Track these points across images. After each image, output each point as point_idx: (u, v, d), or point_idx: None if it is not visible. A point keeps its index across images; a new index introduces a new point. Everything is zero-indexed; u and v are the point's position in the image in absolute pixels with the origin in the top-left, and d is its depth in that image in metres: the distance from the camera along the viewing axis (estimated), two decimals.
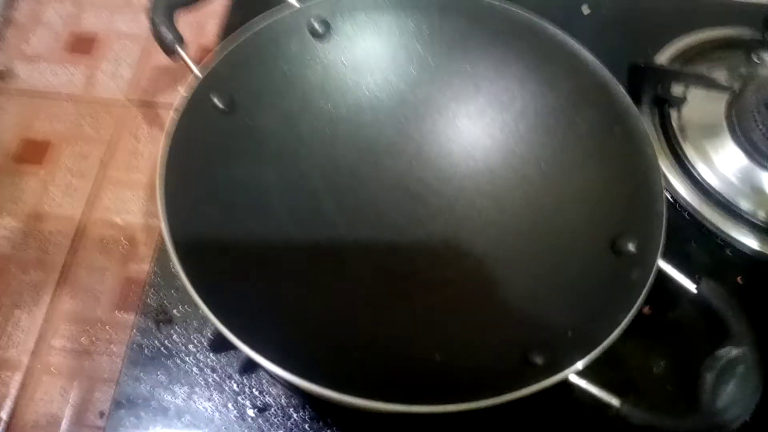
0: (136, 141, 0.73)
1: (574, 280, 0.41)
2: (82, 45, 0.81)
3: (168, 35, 0.46)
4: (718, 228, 0.53)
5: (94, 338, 0.61)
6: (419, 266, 0.47)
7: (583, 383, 0.34)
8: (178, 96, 0.44)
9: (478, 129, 0.51)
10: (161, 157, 0.41)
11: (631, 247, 0.40)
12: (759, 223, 0.53)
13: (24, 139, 0.74)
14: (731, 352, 0.34)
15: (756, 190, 0.54)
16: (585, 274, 0.41)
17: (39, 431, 0.57)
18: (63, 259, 0.66)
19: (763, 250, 0.52)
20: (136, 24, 0.84)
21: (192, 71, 0.45)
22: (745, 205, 0.54)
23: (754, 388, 0.33)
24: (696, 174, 0.55)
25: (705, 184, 0.55)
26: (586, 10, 0.67)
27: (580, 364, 0.34)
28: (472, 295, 0.44)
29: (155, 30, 0.47)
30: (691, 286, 0.38)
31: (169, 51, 0.47)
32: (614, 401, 0.34)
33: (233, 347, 0.34)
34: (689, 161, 0.56)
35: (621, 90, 0.45)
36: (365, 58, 0.52)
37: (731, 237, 0.53)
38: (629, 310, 0.36)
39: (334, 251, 0.46)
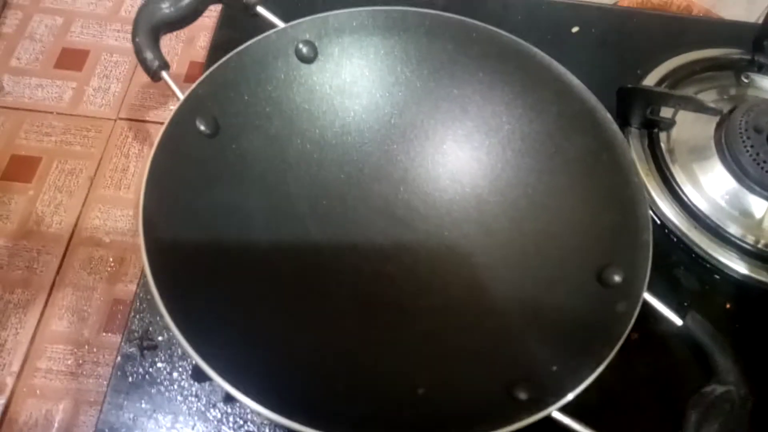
0: (126, 158, 0.73)
1: (560, 312, 0.41)
2: (71, 60, 0.81)
3: (152, 59, 0.46)
4: (706, 252, 0.53)
5: (80, 360, 0.61)
6: (405, 294, 0.46)
7: (566, 420, 0.34)
8: (168, 114, 0.44)
9: (465, 153, 0.51)
10: (143, 184, 0.41)
11: (617, 278, 0.39)
12: (748, 247, 0.52)
13: (12, 156, 0.74)
14: (717, 389, 0.34)
15: (745, 214, 0.54)
16: (571, 305, 0.41)
17: None
18: (51, 279, 0.66)
19: (751, 275, 0.52)
20: (126, 38, 0.84)
21: (177, 96, 0.45)
22: (733, 229, 0.53)
23: (740, 428, 0.33)
24: (684, 197, 0.55)
25: (694, 208, 0.54)
26: (575, 29, 0.67)
27: (563, 401, 0.34)
28: (456, 326, 0.44)
29: (139, 54, 0.47)
30: (676, 320, 0.38)
31: (154, 76, 0.47)
32: None
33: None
34: (678, 184, 0.55)
35: (608, 117, 0.45)
36: (352, 80, 0.52)
37: (720, 262, 0.52)
38: (614, 345, 0.35)
39: (319, 279, 0.46)
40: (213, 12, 0.66)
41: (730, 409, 0.33)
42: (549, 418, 0.34)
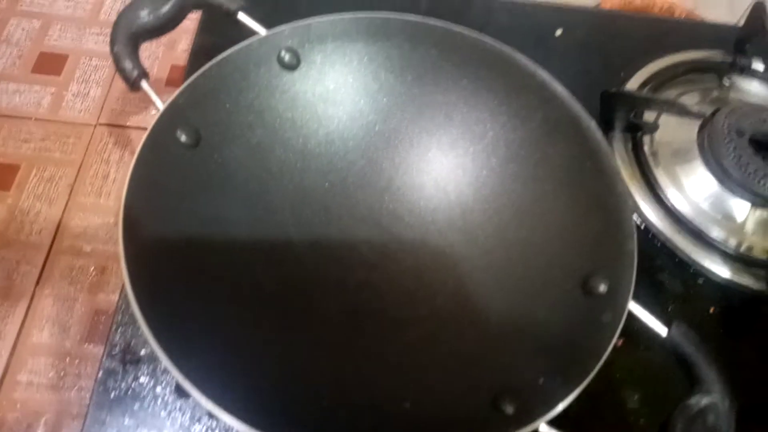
0: (107, 165, 0.72)
1: (546, 322, 0.41)
2: (50, 64, 0.80)
3: (132, 69, 0.45)
4: (689, 257, 0.53)
5: (62, 372, 0.60)
6: (390, 304, 0.46)
7: None
8: (149, 119, 0.44)
9: (449, 161, 0.51)
10: (123, 197, 0.40)
11: (602, 288, 0.39)
12: (730, 251, 0.53)
13: None
14: (701, 400, 0.34)
15: (727, 217, 0.54)
16: (556, 314, 0.41)
17: None
18: (31, 289, 0.65)
19: (735, 279, 0.52)
20: (106, 41, 0.83)
21: (157, 107, 0.44)
22: (716, 232, 0.54)
23: None
24: (667, 201, 0.55)
25: (677, 212, 0.54)
26: (558, 32, 0.67)
27: (550, 414, 0.34)
28: (442, 336, 0.43)
29: (118, 63, 0.46)
30: (662, 330, 0.38)
31: (134, 85, 0.46)
32: None
33: None
34: (661, 188, 0.56)
35: (592, 125, 0.45)
36: (336, 88, 0.51)
37: (703, 266, 0.53)
38: (600, 357, 0.35)
39: (303, 290, 0.46)
40: (195, 15, 0.65)
41: (714, 421, 0.33)
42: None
